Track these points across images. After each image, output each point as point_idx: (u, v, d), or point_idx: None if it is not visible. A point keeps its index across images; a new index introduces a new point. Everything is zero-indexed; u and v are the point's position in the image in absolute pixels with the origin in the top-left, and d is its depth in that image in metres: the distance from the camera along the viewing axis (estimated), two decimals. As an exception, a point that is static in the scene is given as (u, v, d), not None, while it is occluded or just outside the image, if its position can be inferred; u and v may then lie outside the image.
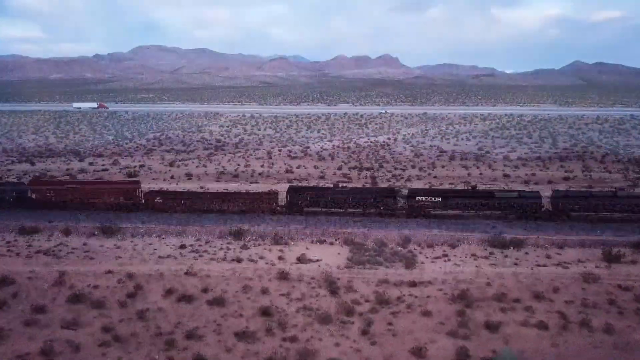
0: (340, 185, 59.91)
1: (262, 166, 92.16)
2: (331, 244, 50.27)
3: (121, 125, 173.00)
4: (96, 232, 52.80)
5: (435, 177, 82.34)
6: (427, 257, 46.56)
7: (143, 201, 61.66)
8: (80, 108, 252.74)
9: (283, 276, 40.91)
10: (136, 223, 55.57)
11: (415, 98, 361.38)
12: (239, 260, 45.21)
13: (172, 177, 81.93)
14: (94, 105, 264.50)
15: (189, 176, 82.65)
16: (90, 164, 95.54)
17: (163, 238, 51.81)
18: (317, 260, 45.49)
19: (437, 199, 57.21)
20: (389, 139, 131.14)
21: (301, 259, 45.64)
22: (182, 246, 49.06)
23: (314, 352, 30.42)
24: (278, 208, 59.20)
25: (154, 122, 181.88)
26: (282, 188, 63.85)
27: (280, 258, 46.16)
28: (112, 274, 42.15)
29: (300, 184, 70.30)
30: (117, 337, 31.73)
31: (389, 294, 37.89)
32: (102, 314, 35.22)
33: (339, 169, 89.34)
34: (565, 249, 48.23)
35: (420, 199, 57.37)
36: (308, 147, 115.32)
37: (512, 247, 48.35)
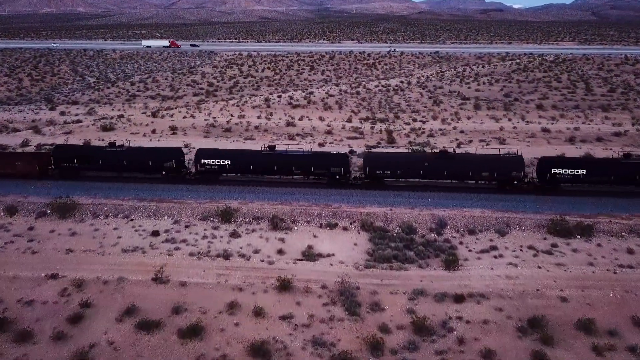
0: (118, 145, 51.11)
1: (259, 117, 79.56)
2: (345, 229, 39.35)
3: (106, 65, 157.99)
4: (49, 211, 41.83)
5: (461, 131, 70.00)
6: (470, 250, 35.82)
7: None
8: (150, 46, 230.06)
9: (284, 286, 30.29)
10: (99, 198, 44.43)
11: (423, 35, 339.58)
12: (226, 257, 34.47)
13: (153, 132, 69.80)
14: (165, 43, 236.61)
15: (173, 130, 70.43)
16: (62, 113, 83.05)
17: (132, 219, 40.86)
18: (329, 256, 34.84)
19: (226, 162, 47.50)
20: (401, 82, 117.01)
21: (307, 254, 34.94)
22: (155, 233, 38.18)
23: None
24: (49, 172, 50.42)
25: (143, 62, 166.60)
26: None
27: (279, 252, 35.41)
28: (56, 280, 31.59)
29: (70, 143, 59.61)
30: (39, 403, 21.48)
31: (430, 317, 27.44)
32: (27, 354, 24.88)
33: (348, 120, 76.92)
34: (648, 238, 37.32)
35: (206, 162, 47.73)
36: (312, 93, 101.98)
37: (578, 236, 37.52)
